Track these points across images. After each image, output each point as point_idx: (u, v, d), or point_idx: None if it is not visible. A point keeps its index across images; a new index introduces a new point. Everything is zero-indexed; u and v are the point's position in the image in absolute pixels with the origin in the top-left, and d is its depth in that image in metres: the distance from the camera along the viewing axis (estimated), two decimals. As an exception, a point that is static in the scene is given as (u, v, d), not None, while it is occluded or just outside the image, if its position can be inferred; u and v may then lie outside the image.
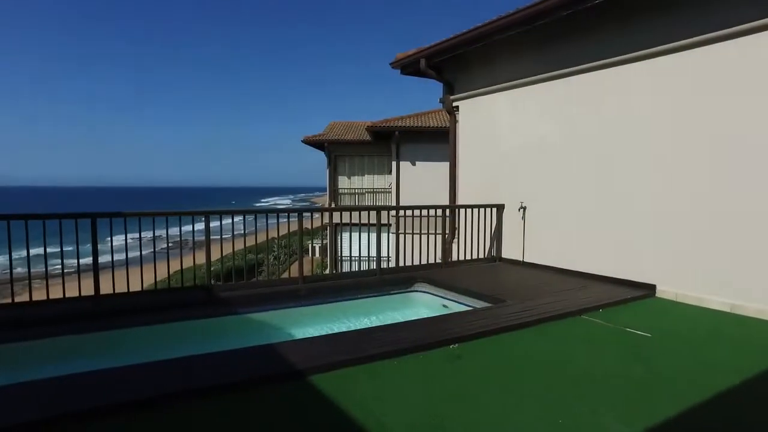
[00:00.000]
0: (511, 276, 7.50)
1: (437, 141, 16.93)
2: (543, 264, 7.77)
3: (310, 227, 29.40)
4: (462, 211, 8.46)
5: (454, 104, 9.42)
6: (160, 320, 5.55)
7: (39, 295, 5.40)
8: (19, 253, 5.29)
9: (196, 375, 3.66)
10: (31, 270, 5.46)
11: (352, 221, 8.81)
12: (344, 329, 5.80)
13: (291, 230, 7.54)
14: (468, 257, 8.28)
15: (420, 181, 18.83)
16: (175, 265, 6.53)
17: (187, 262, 6.43)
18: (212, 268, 6.45)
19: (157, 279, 6.58)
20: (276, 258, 25.46)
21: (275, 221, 6.98)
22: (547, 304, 5.62)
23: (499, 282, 7.17)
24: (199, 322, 5.78)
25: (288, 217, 6.94)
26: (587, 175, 7.05)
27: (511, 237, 8.38)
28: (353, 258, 17.91)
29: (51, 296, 5.43)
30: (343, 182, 23.90)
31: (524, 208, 8.06)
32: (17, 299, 5.36)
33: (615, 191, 6.68)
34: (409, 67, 9.38)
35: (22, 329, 4.99)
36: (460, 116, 9.38)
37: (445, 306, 6.70)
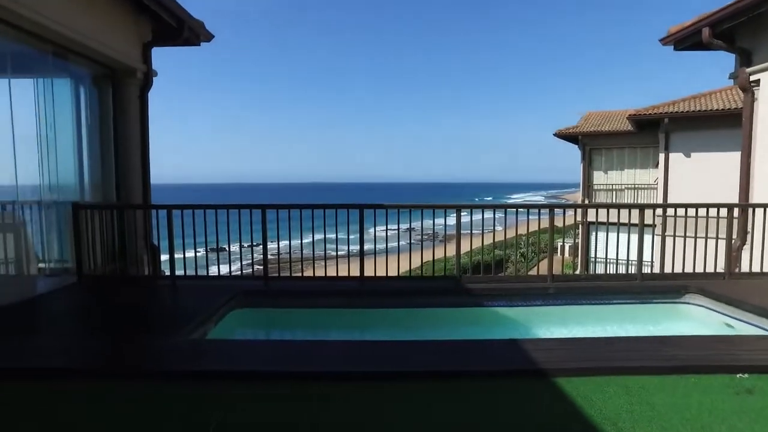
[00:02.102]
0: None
1: (721, 126, 14.08)
2: None
3: (561, 225, 28.01)
4: (759, 210, 6.84)
5: (752, 78, 7.61)
6: (411, 304, 6.07)
7: (319, 272, 6.50)
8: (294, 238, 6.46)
9: (436, 359, 3.84)
10: (315, 252, 6.59)
11: (610, 220, 7.97)
12: (596, 334, 5.35)
13: (540, 227, 7.30)
14: (764, 269, 6.64)
15: (694, 176, 15.92)
16: (426, 256, 7.01)
17: (438, 254, 6.83)
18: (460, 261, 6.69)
19: (411, 267, 7.16)
20: (523, 255, 25.06)
21: (525, 218, 6.85)
22: None
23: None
24: (445, 311, 6.11)
25: (538, 214, 6.74)
26: None
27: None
28: (609, 260, 16.26)
29: (327, 273, 6.48)
30: (599, 177, 21.96)
31: None
32: (302, 273, 6.55)
33: None
34: (686, 40, 8.03)
35: (299, 298, 6.09)
36: (761, 92, 7.54)
37: (728, 325, 5.51)
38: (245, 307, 5.83)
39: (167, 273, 6.61)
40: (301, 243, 6.27)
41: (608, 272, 7.99)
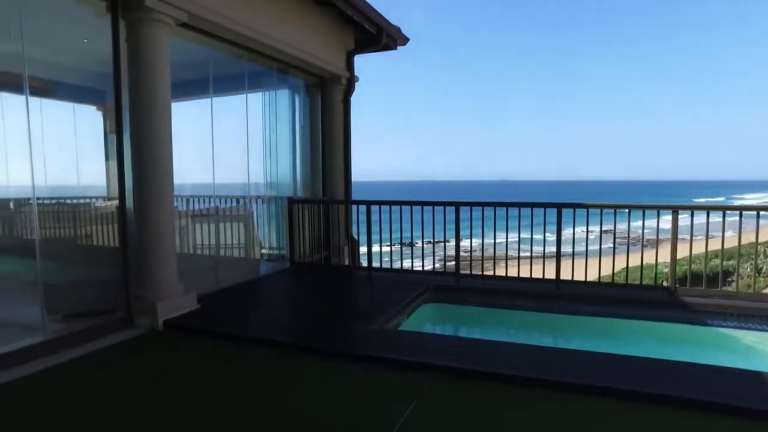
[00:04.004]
0: None
1: None
2: None
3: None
4: None
5: None
6: (612, 313, 5.45)
7: (512, 272, 6.26)
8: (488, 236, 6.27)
9: (637, 377, 3.34)
10: (508, 251, 6.37)
11: None
12: None
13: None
14: None
15: None
16: (631, 261, 6.24)
17: (647, 259, 6.03)
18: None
19: (615, 271, 6.46)
20: (757, 268, 20.84)
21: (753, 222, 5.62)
22: None
23: None
24: (652, 325, 5.35)
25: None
26: None
27: None
28: None
29: (520, 274, 6.19)
30: None
31: None
32: (494, 273, 6.38)
33: None
34: None
35: (489, 296, 5.96)
36: None
37: None
38: (436, 302, 5.94)
39: (364, 264, 7.10)
40: (494, 241, 6.12)
41: None
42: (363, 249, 7.18)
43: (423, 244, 6.87)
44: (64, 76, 7.49)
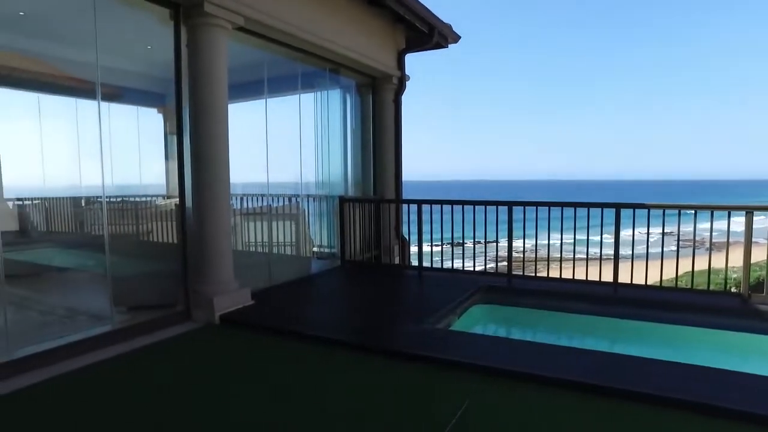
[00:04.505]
0: None
1: None
2: None
3: None
4: None
5: None
6: (675, 320, 5.17)
7: (567, 274, 6.06)
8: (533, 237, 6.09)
9: (731, 395, 3.12)
10: (563, 252, 6.18)
11: None
12: None
13: None
14: None
15: None
16: (696, 265, 5.88)
17: (715, 263, 5.68)
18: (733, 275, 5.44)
19: (678, 275, 6.12)
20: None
21: None
22: None
23: None
24: (726, 334, 5.01)
25: None
26: None
27: None
28: None
29: (576, 276, 5.97)
30: None
31: None
32: (548, 274, 6.20)
33: None
34: None
35: (542, 298, 5.78)
36: None
37: None
38: (487, 303, 5.83)
39: (414, 263, 7.08)
40: (548, 242, 5.95)
41: None
42: (413, 249, 7.16)
43: (474, 244, 6.76)
44: (130, 81, 7.91)
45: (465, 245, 6.95)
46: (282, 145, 6.72)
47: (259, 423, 2.93)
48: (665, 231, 5.72)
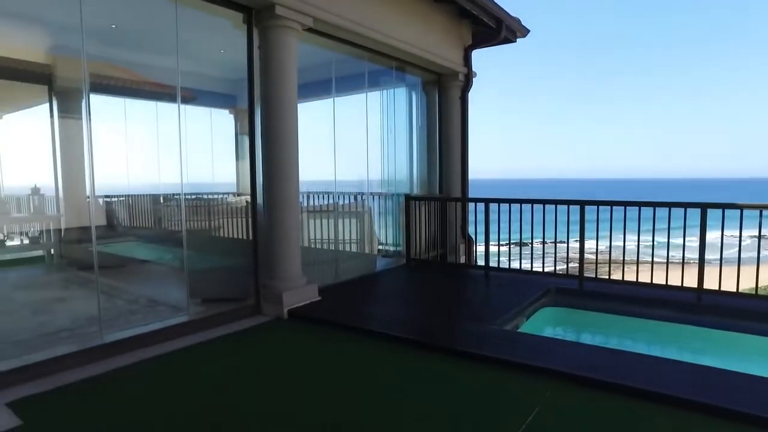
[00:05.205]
0: None
1: None
2: None
3: None
4: None
5: None
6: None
7: (644, 278, 5.69)
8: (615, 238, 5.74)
9: None
10: (639, 254, 5.82)
11: None
12: None
13: None
14: None
15: None
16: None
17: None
18: None
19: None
20: None
21: None
22: None
23: None
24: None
25: None
26: None
27: None
28: None
29: (654, 281, 5.61)
30: None
31: None
32: (623, 277, 5.86)
33: None
34: None
35: (616, 302, 5.49)
36: None
37: None
38: (557, 305, 5.61)
39: (480, 263, 6.93)
40: (624, 244, 5.61)
41: None
42: (479, 248, 7.01)
43: (544, 244, 6.52)
44: (205, 84, 8.31)
45: (533, 245, 6.72)
46: (349, 143, 6.80)
47: (326, 414, 2.97)
48: (761, 234, 5.23)
